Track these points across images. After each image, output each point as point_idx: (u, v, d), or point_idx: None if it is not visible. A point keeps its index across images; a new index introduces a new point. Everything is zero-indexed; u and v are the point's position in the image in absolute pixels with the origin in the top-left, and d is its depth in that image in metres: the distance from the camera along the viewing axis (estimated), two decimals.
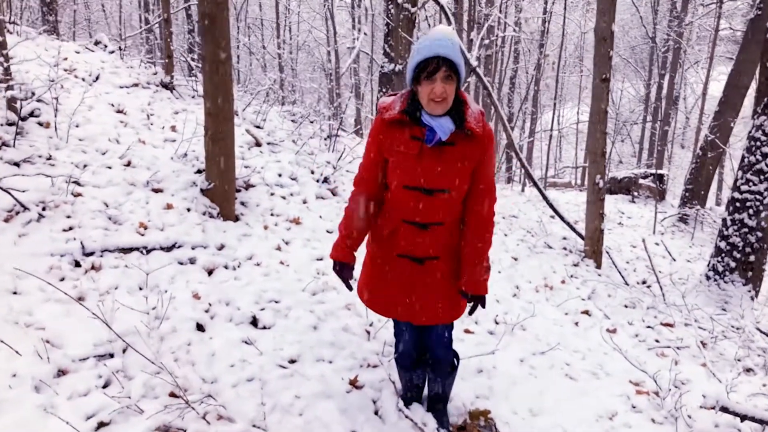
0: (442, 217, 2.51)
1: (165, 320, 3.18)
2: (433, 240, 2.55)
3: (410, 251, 2.56)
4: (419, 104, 2.37)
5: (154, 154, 4.93)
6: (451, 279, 2.65)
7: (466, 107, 2.42)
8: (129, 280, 3.45)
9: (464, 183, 2.47)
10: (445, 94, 2.29)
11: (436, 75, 2.26)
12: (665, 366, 4.40)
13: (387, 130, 2.45)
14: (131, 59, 7.20)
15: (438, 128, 2.35)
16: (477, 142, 2.43)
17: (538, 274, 5.82)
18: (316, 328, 3.60)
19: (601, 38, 6.03)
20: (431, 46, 2.27)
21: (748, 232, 6.14)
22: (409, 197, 2.46)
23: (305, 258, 4.45)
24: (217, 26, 4.26)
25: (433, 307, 2.65)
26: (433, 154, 2.40)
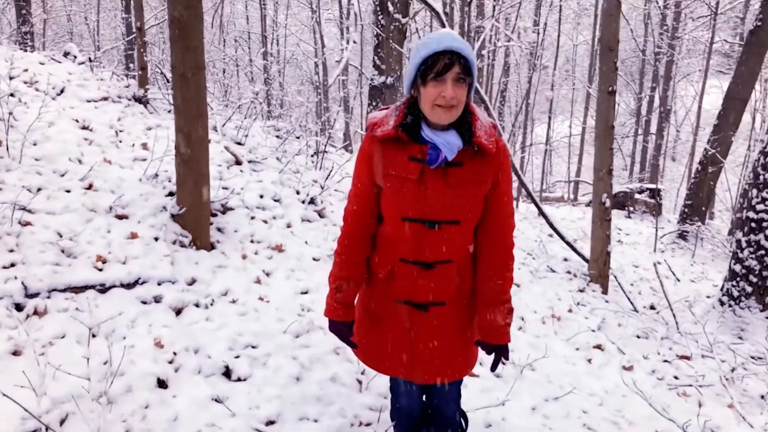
0: (451, 254, 2.05)
1: (119, 377, 2.68)
2: (440, 282, 2.08)
3: (411, 296, 2.10)
4: (419, 115, 1.92)
5: (121, 175, 4.44)
6: (461, 328, 2.19)
7: (475, 119, 1.96)
8: (79, 326, 2.95)
9: (476, 211, 2.01)
10: (456, 100, 1.84)
11: (446, 74, 1.81)
12: (689, 409, 3.96)
13: (379, 150, 1.99)
14: (102, 71, 6.72)
15: (443, 145, 1.90)
16: (490, 160, 1.97)
17: (543, 303, 5.37)
18: (299, 379, 3.11)
19: (607, 48, 5.63)
20: (441, 40, 1.81)
21: (765, 254, 5.72)
22: (409, 232, 2.00)
23: (288, 292, 3.96)
24: (189, 33, 3.80)
25: (439, 362, 2.18)
26: (438, 178, 1.94)
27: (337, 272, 2.17)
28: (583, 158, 22.47)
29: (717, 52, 25.36)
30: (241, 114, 7.12)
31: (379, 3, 8.62)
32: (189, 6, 3.76)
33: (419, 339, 2.15)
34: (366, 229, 2.12)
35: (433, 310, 2.12)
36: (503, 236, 2.10)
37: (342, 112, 19.95)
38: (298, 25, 24.46)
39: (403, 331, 2.15)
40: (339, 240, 2.16)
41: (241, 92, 15.44)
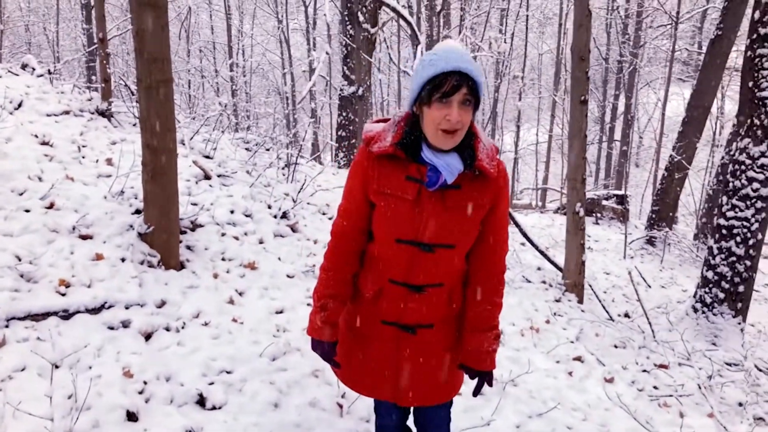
0: (443, 278, 1.97)
1: (84, 412, 2.51)
2: (429, 305, 2.00)
3: (399, 318, 2.01)
4: (420, 135, 1.83)
5: (84, 192, 4.24)
6: (449, 350, 2.10)
7: (478, 141, 1.87)
8: (41, 355, 2.77)
9: (472, 235, 1.93)
10: (461, 124, 1.74)
11: (453, 96, 1.72)
12: (671, 420, 3.94)
13: (374, 166, 1.88)
14: (63, 84, 6.48)
15: (444, 168, 1.80)
16: (490, 184, 1.89)
17: (520, 314, 5.32)
18: (277, 405, 2.98)
19: (578, 57, 5.63)
20: (449, 58, 1.71)
21: (736, 260, 5.77)
22: (401, 253, 1.91)
23: (263, 312, 3.82)
24: (155, 44, 3.65)
25: (426, 385, 2.09)
26: (435, 200, 1.85)
27: (322, 290, 2.06)
28: (550, 165, 22.71)
29: (677, 60, 25.95)
30: (209, 126, 6.95)
31: (348, 13, 8.55)
32: (156, 16, 3.62)
33: (405, 361, 2.06)
34: (355, 245, 2.02)
35: (421, 333, 2.04)
36: (496, 261, 2.02)
37: (308, 119, 19.83)
38: (264, 35, 24.28)
39: (389, 353, 2.06)
40: (326, 255, 2.06)
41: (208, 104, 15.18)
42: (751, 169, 5.65)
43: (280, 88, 21.66)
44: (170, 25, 5.66)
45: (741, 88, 5.87)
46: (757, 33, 5.60)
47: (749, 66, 5.71)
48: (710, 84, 10.56)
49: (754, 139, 5.62)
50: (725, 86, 18.78)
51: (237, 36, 22.67)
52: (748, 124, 5.70)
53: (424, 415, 2.28)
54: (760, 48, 5.57)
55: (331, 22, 19.75)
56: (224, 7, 20.49)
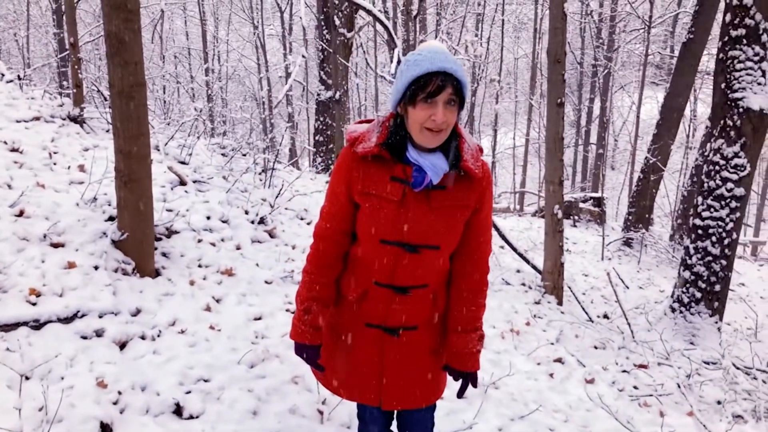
0: (428, 279, 1.95)
1: (56, 424, 2.44)
2: (414, 307, 1.98)
3: (383, 320, 1.99)
4: (405, 134, 1.80)
5: (56, 200, 4.15)
6: (433, 352, 2.08)
7: (462, 141, 1.86)
8: (11, 366, 2.68)
9: (457, 236, 1.92)
10: (446, 124, 1.73)
11: (438, 96, 1.70)
12: (652, 420, 3.96)
13: (359, 167, 1.86)
14: (33, 90, 6.35)
15: (429, 168, 1.78)
16: (474, 185, 1.88)
17: (500, 316, 5.32)
18: (256, 413, 2.92)
19: (554, 60, 5.66)
20: (434, 58, 1.70)
21: (712, 260, 5.84)
22: (386, 254, 1.89)
23: (240, 318, 3.76)
24: (127, 49, 3.58)
25: (409, 388, 2.06)
26: (420, 201, 1.83)
27: (306, 293, 2.02)
28: (527, 169, 22.89)
29: (650, 63, 26.35)
30: (184, 132, 6.86)
31: (324, 18, 8.52)
32: (126, 19, 3.55)
33: (389, 364, 2.03)
34: (339, 248, 1.99)
35: (405, 335, 2.01)
36: (480, 262, 2.00)
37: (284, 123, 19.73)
38: (239, 41, 24.16)
39: (372, 356, 2.03)
40: (309, 258, 2.02)
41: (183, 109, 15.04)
42: (725, 169, 5.72)
43: (257, 94, 21.55)
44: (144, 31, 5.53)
45: (714, 90, 5.94)
46: (729, 35, 5.69)
47: (721, 68, 5.79)
48: (683, 87, 10.73)
49: (728, 140, 5.70)
50: (698, 89, 19.11)
51: (212, 42, 22.53)
52: (721, 125, 5.78)
53: (408, 418, 2.25)
54: (732, 50, 5.66)
55: (307, 26, 19.72)
56: (199, 12, 20.34)
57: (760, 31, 5.55)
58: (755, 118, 5.59)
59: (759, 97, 5.60)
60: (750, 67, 5.63)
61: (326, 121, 8.69)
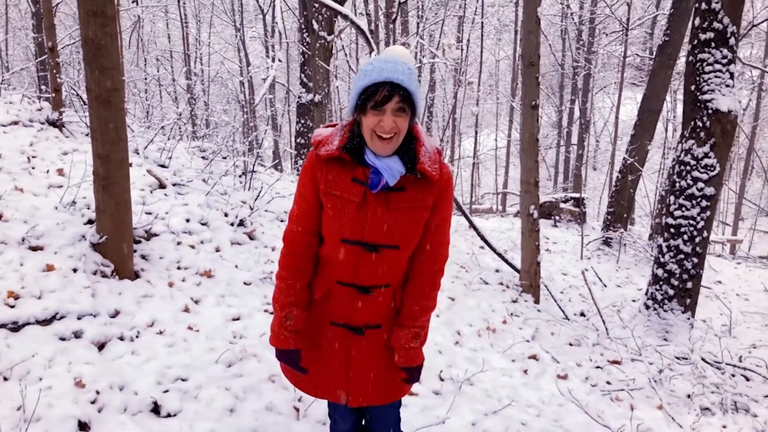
0: (388, 278, 2.02)
1: (34, 423, 2.49)
2: (376, 305, 2.04)
3: (347, 319, 2.05)
4: (363, 139, 1.88)
5: (34, 203, 4.18)
6: None
7: (419, 145, 1.93)
8: None
9: (415, 236, 1.98)
10: (396, 130, 1.81)
11: (385, 105, 1.79)
12: (622, 413, 4.06)
13: (322, 168, 1.93)
14: (11, 94, 6.36)
15: (384, 170, 1.86)
16: (432, 186, 1.95)
17: (477, 315, 5.41)
18: (233, 410, 2.98)
19: (528, 63, 5.78)
20: (382, 69, 1.79)
21: (684, 258, 5.98)
22: (348, 254, 1.96)
23: (219, 319, 3.82)
24: (104, 54, 3.63)
25: (375, 385, 2.12)
26: (379, 202, 1.90)
27: (283, 299, 2.06)
28: (509, 170, 23.06)
29: (630, 65, 26.66)
30: (165, 135, 6.88)
31: (304, 21, 8.58)
32: (103, 25, 3.60)
33: (355, 362, 2.09)
34: (310, 249, 2.04)
35: (369, 333, 2.07)
36: (431, 264, 2.06)
37: (270, 130, 19.73)
38: (221, 44, 24.11)
39: (338, 354, 2.09)
40: (281, 263, 2.07)
41: (165, 113, 15.00)
42: (695, 169, 5.86)
43: (239, 97, 21.54)
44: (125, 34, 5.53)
45: (684, 92, 6.09)
46: (698, 39, 5.83)
47: (691, 70, 5.94)
48: (659, 88, 10.91)
49: (698, 141, 5.85)
50: (676, 90, 19.38)
51: (194, 45, 22.48)
52: (691, 126, 5.93)
53: (375, 414, 2.31)
54: (701, 53, 5.80)
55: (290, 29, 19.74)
56: (180, 15, 20.28)
57: (728, 34, 5.71)
58: (724, 119, 5.74)
59: (727, 98, 5.75)
60: (718, 70, 5.78)
61: (307, 123, 8.75)
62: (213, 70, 23.49)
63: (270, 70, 6.39)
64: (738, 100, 5.86)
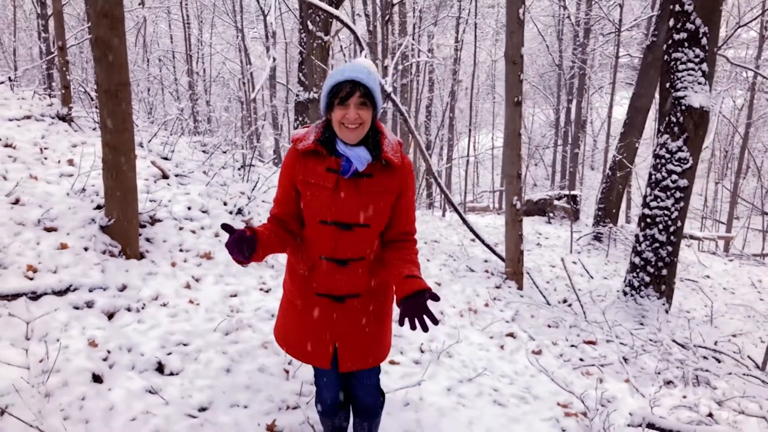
0: (362, 252, 2.36)
1: (54, 373, 2.84)
2: (353, 276, 2.38)
3: (329, 289, 2.38)
4: (335, 133, 2.23)
5: (48, 190, 4.53)
6: (376, 318, 2.48)
7: (383, 137, 2.29)
8: (13, 330, 3.08)
9: (384, 216, 2.32)
10: (360, 120, 2.16)
11: (349, 100, 2.13)
12: (591, 385, 4.38)
13: (300, 161, 2.28)
14: (23, 90, 6.71)
15: (354, 158, 2.21)
16: (395, 173, 2.30)
17: (461, 299, 5.75)
18: (229, 370, 3.33)
19: (511, 62, 6.12)
20: (344, 71, 2.15)
21: (659, 246, 6.31)
22: (326, 232, 2.29)
23: (217, 295, 4.16)
24: (113, 52, 3.98)
25: (357, 350, 2.45)
26: (350, 187, 2.24)
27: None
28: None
29: (627, 65, 26.98)
30: (167, 130, 7.24)
31: (301, 22, 8.93)
32: (112, 26, 3.94)
33: (338, 329, 2.41)
34: (287, 226, 2.37)
35: (349, 302, 2.40)
36: (407, 234, 2.41)
37: (270, 127, 20.06)
38: (223, 44, 24.46)
39: (324, 322, 2.41)
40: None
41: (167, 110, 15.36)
42: (670, 162, 6.20)
43: (240, 95, 21.89)
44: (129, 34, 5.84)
45: (660, 90, 6.43)
46: (672, 39, 6.17)
47: (666, 69, 6.28)
48: (647, 87, 11.22)
49: (672, 135, 6.18)
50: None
51: (196, 45, 22.83)
52: (666, 121, 6.27)
53: (356, 380, 2.62)
54: (675, 52, 6.14)
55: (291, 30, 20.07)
56: (182, 16, 20.64)
57: (700, 35, 6.04)
58: (696, 114, 6.08)
59: (699, 95, 6.09)
60: (691, 68, 6.11)
61: (304, 120, 9.09)
62: (214, 70, 23.84)
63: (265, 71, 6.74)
64: (710, 97, 6.18)
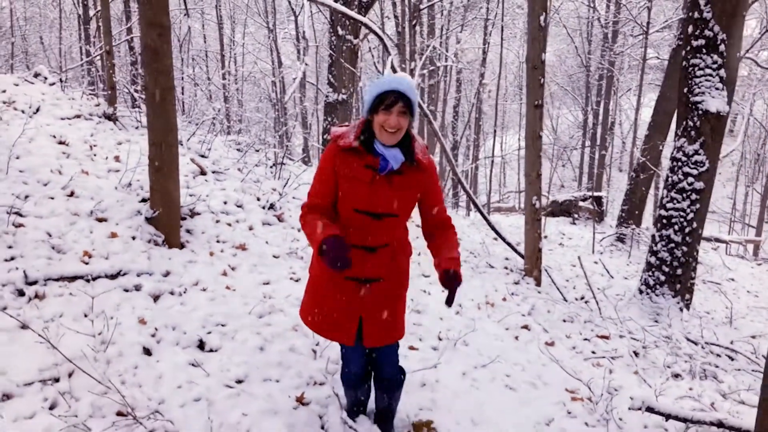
0: (388, 239, 2.68)
1: (111, 345, 3.21)
2: (379, 262, 2.69)
3: (357, 273, 2.68)
4: (373, 134, 2.53)
5: (98, 184, 4.94)
6: (396, 299, 2.80)
7: (414, 141, 2.62)
8: (74, 307, 3.47)
9: (410, 208, 2.68)
10: (399, 126, 2.47)
11: (393, 108, 2.44)
12: (600, 375, 4.61)
13: (340, 156, 2.58)
14: (72, 91, 7.17)
15: (391, 158, 2.53)
16: (423, 171, 2.63)
17: (480, 293, 6.02)
18: (262, 349, 3.68)
19: (532, 66, 6.38)
20: (392, 82, 2.47)
21: (674, 246, 6.51)
22: (359, 220, 2.60)
23: (252, 283, 4.52)
24: (160, 58, 4.36)
25: (379, 328, 2.76)
26: (384, 182, 2.56)
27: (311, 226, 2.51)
28: None
29: (657, 68, 26.83)
30: (204, 130, 7.64)
31: (331, 24, 9.28)
32: (160, 34, 4.33)
33: (364, 309, 2.72)
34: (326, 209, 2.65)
35: (374, 285, 2.72)
36: (440, 218, 2.78)
37: (300, 127, 20.50)
38: (255, 44, 25.00)
39: (351, 303, 2.72)
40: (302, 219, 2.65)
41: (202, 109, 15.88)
42: (686, 165, 6.39)
43: (271, 95, 22.39)
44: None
45: (678, 95, 6.62)
46: (690, 45, 6.36)
47: (684, 74, 6.48)
48: (672, 90, 11.30)
49: (689, 139, 6.38)
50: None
51: (229, 45, 23.39)
52: (683, 125, 6.47)
53: (379, 355, 2.95)
54: (693, 58, 6.33)
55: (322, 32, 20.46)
56: (216, 17, 21.19)
57: (718, 41, 6.22)
58: (713, 119, 6.27)
59: (716, 100, 6.27)
60: (709, 74, 6.30)
61: (333, 121, 9.45)
62: (246, 69, 24.39)
63: (298, 72, 7.09)
64: (728, 102, 6.36)
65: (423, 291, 5.56)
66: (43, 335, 2.88)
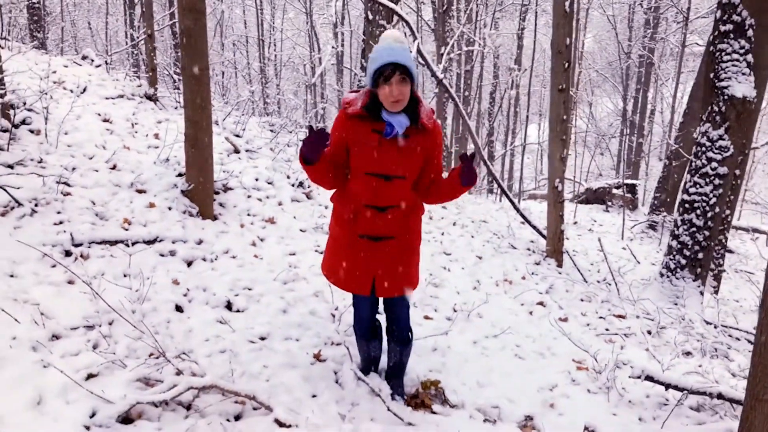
0: (398, 201, 2.90)
1: (147, 301, 3.54)
2: (390, 221, 2.92)
3: (370, 232, 2.92)
4: (379, 103, 2.74)
5: (138, 159, 5.29)
6: (408, 254, 3.03)
7: (420, 105, 2.81)
8: (114, 267, 3.81)
9: (417, 170, 2.88)
10: (401, 95, 2.66)
11: (392, 79, 2.63)
12: (610, 350, 4.75)
13: (348, 122, 2.79)
14: (117, 73, 7.57)
15: (396, 124, 2.73)
16: (428, 134, 2.83)
17: (499, 271, 6.21)
18: (285, 311, 3.97)
19: (557, 51, 6.49)
20: (387, 55, 2.63)
21: (696, 231, 6.57)
22: (370, 182, 2.83)
23: (278, 253, 4.81)
24: (196, 40, 4.65)
25: (391, 280, 2.99)
26: (391, 145, 2.77)
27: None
28: (568, 158, 23.29)
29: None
30: (239, 111, 7.97)
31: (365, 9, 9.49)
32: (196, 18, 4.62)
33: (377, 264, 2.96)
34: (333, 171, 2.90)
35: (385, 242, 2.96)
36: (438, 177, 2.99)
37: (333, 110, 20.77)
38: (293, 30, 25.35)
39: (365, 259, 2.97)
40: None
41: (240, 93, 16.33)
42: (710, 150, 6.43)
43: (308, 80, 22.73)
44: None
45: (704, 80, 6.64)
46: (718, 30, 6.38)
47: (711, 59, 6.50)
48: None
49: (713, 124, 6.41)
50: None
51: (269, 30, 23.79)
52: (708, 111, 6.50)
53: (392, 306, 3.20)
54: (720, 43, 6.35)
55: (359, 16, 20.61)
56: (255, 2, 21.58)
57: (746, 26, 6.22)
58: (738, 104, 6.29)
59: (743, 85, 6.29)
60: (736, 59, 6.31)
61: None
62: (285, 55, 24.76)
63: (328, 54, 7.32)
64: (753, 88, 6.36)
65: (443, 267, 5.78)
66: (89, 285, 3.20)
